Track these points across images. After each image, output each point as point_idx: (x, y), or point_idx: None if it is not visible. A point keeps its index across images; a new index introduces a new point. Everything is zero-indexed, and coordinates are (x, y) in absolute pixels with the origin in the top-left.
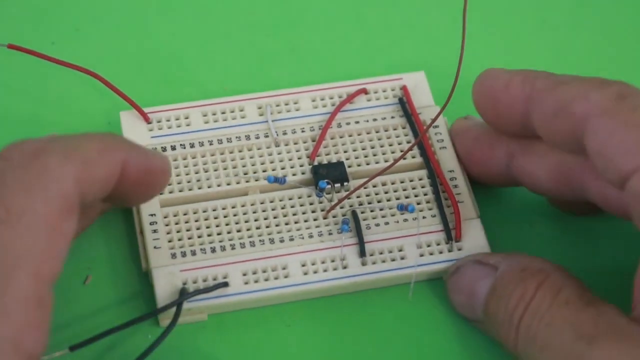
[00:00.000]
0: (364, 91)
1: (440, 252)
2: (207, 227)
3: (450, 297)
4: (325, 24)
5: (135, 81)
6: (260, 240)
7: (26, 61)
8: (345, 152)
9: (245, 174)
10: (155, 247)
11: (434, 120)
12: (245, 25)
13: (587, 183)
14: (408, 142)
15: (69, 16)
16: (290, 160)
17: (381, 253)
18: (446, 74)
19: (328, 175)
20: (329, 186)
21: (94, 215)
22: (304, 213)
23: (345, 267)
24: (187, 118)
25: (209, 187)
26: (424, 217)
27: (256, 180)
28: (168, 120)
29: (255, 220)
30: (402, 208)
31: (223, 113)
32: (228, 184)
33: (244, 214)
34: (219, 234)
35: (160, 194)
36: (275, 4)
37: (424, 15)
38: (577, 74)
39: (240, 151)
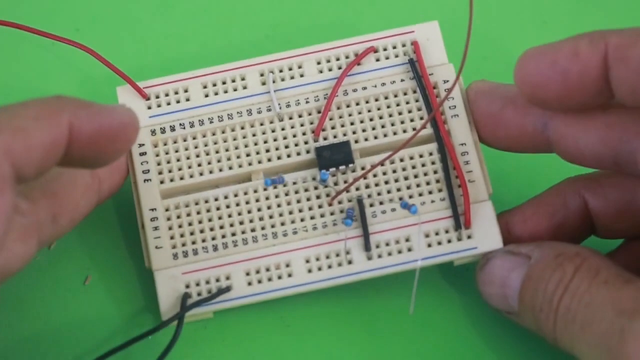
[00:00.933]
0: (373, 50)
1: (449, 241)
2: (210, 220)
3: (481, 290)
4: None
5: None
6: (263, 235)
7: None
8: (352, 124)
9: (247, 155)
10: (156, 247)
11: (447, 95)
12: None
13: None
14: (419, 110)
15: (69, 16)
16: (294, 137)
17: (387, 244)
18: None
19: (332, 157)
20: (334, 169)
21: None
22: (308, 200)
23: (350, 262)
24: (186, 92)
25: (210, 172)
26: (432, 202)
27: (259, 163)
28: (167, 95)
29: (259, 210)
30: (405, 206)
31: (224, 83)
32: (230, 168)
33: (247, 203)
34: (221, 227)
35: (161, 182)
36: None
37: None
38: None
39: (242, 128)
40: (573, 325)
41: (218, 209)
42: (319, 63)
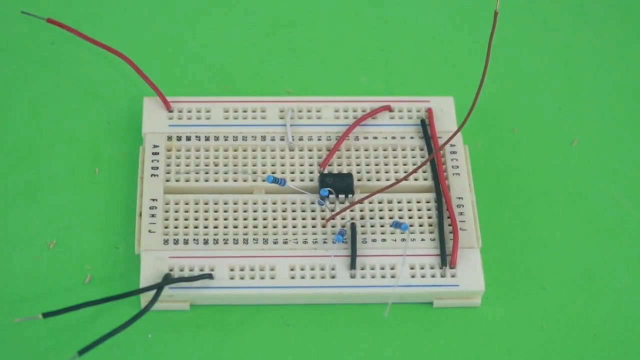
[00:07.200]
0: (388, 108)
1: (432, 276)
2: (205, 219)
3: None
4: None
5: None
6: (254, 239)
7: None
8: (357, 165)
9: (254, 172)
10: (149, 231)
11: (449, 140)
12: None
13: None
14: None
15: (69, 16)
16: (301, 166)
17: (372, 268)
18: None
19: (334, 184)
20: (332, 196)
21: None
22: (303, 219)
23: (333, 277)
24: (208, 112)
25: (215, 180)
26: (422, 240)
27: (263, 181)
28: (189, 112)
29: (254, 219)
30: (397, 225)
31: (244, 112)
32: (235, 181)
33: (244, 211)
34: (215, 227)
35: (167, 181)
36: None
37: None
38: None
39: (254, 150)
40: None
41: (216, 211)
42: (336, 111)
